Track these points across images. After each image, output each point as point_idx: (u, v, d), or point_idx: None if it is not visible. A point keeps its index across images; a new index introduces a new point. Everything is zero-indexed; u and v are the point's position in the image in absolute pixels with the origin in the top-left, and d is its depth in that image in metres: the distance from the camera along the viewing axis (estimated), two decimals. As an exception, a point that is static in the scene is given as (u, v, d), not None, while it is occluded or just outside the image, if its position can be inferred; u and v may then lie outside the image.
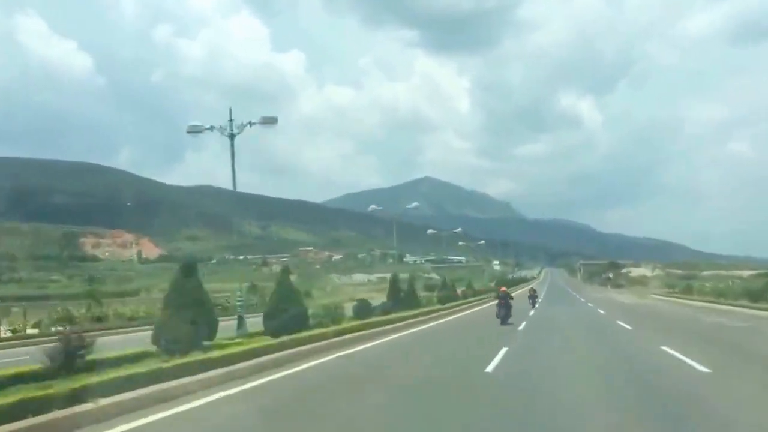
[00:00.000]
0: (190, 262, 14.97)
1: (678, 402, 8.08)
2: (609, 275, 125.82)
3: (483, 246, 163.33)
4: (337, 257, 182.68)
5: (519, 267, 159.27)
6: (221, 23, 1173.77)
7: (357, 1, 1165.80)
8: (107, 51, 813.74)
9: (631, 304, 45.03)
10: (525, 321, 25.36)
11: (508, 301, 24.67)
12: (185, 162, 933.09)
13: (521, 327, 22.41)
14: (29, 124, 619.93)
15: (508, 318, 24.18)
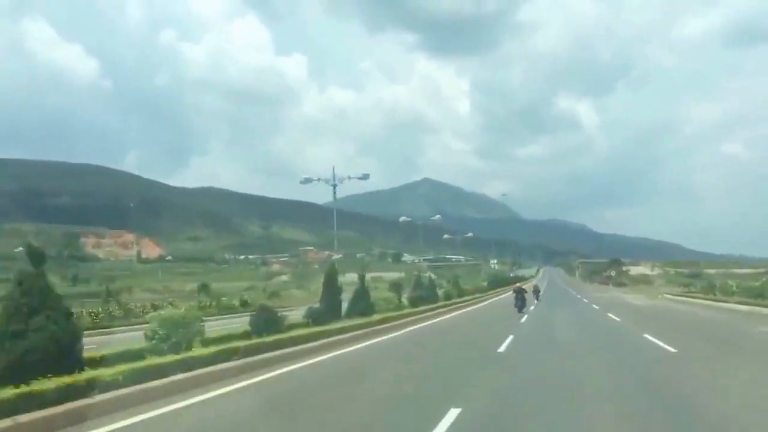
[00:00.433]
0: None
1: None
2: (611, 273, 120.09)
3: (482, 245, 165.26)
4: (337, 257, 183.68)
5: (517, 266, 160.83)
6: (225, 27, 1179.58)
7: (359, 6, 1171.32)
8: (113, 55, 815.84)
9: (645, 306, 37.52)
10: (512, 333, 17.70)
11: (522, 294, 31.07)
12: (190, 164, 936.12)
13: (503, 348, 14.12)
14: (37, 126, 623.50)
15: (523, 307, 30.20)
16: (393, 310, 25.23)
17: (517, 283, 36.69)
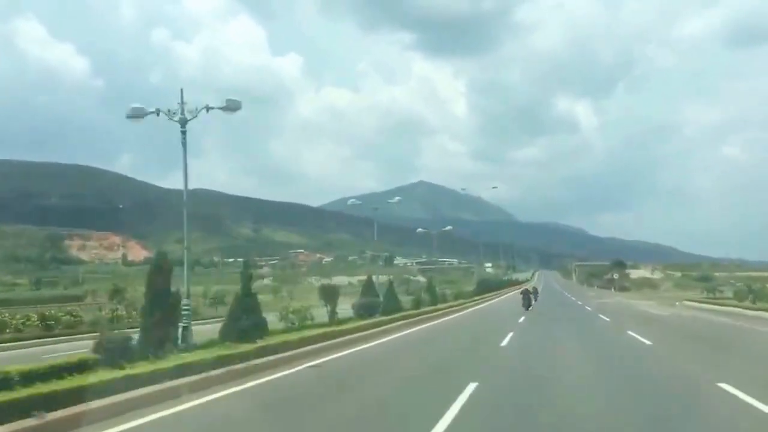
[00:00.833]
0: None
1: None
2: (614, 276, 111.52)
3: (477, 248, 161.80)
4: (328, 259, 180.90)
5: (512, 270, 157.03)
6: (218, 26, 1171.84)
7: (354, 5, 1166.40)
8: (105, 54, 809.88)
9: (670, 317, 29.55)
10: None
11: (529, 295, 37.29)
12: (181, 166, 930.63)
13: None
14: (27, 127, 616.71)
15: (530, 306, 35.89)
16: (301, 329, 17.69)
17: (525, 286, 46.19)
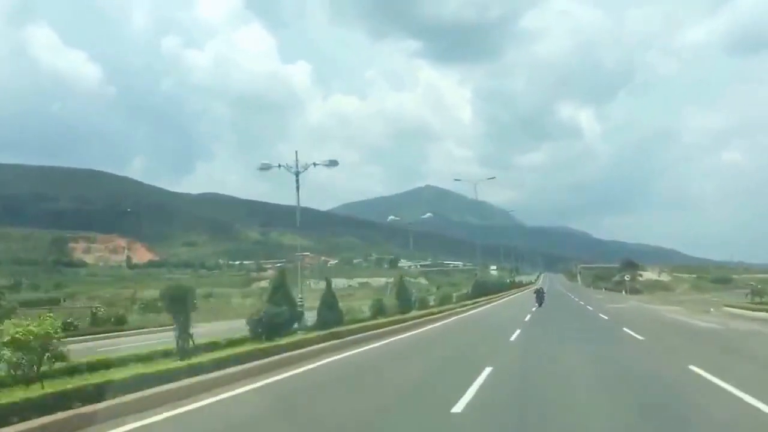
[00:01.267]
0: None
1: None
2: (625, 277, 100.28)
3: (483, 252, 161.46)
4: (333, 262, 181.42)
5: (517, 272, 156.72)
6: (230, 34, 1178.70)
7: (363, 13, 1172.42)
8: (117, 61, 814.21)
9: (729, 333, 21.22)
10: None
11: (541, 294, 41.14)
12: (196, 171, 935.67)
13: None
14: (41, 133, 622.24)
15: (542, 303, 39.27)
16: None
17: (537, 287, 53.07)
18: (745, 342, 18.33)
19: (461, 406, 8.44)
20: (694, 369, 11.61)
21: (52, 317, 8.91)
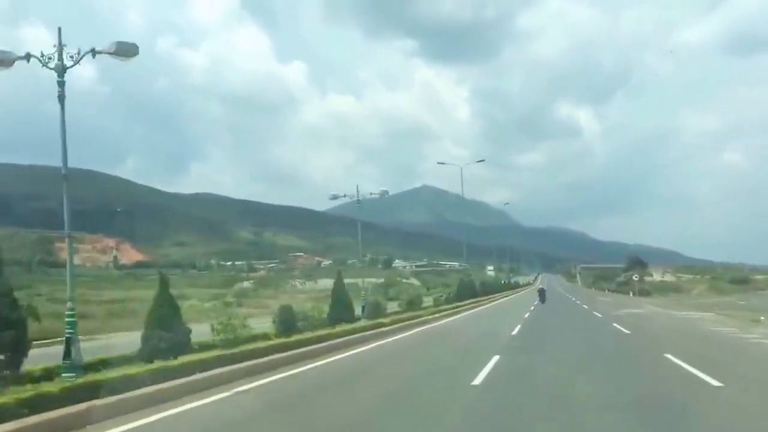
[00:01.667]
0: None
1: None
2: (633, 277, 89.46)
3: (480, 252, 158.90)
4: (327, 263, 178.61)
5: (514, 273, 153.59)
6: (224, 35, 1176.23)
7: (359, 13, 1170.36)
8: (112, 61, 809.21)
9: None
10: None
11: (543, 293, 46.51)
12: (190, 172, 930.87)
13: None
14: (33, 132, 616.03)
15: (545, 300, 44.10)
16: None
17: (540, 287, 53.42)
18: None
19: None
20: None
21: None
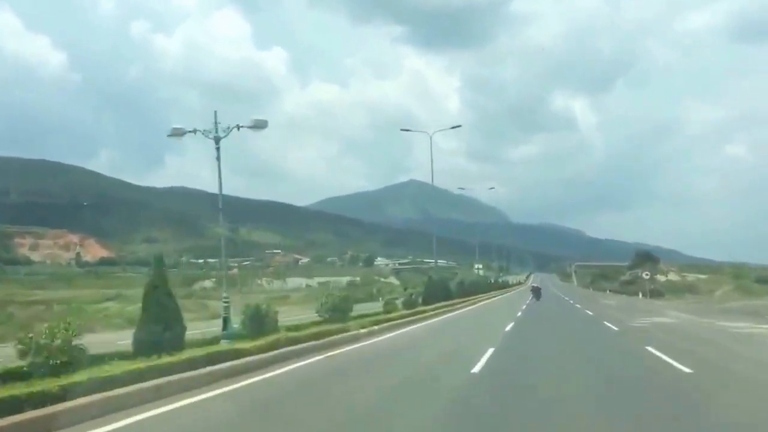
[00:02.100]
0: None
1: None
2: (644, 275, 74.00)
3: (469, 250, 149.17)
4: (305, 260, 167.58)
5: (504, 271, 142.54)
6: (201, 19, 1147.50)
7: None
8: (83, 47, 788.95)
9: None
10: None
11: (538, 291, 52.89)
12: (165, 164, 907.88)
13: None
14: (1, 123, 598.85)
15: (539, 298, 49.21)
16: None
17: (534, 285, 59.23)
18: None
19: None
20: None
21: None
